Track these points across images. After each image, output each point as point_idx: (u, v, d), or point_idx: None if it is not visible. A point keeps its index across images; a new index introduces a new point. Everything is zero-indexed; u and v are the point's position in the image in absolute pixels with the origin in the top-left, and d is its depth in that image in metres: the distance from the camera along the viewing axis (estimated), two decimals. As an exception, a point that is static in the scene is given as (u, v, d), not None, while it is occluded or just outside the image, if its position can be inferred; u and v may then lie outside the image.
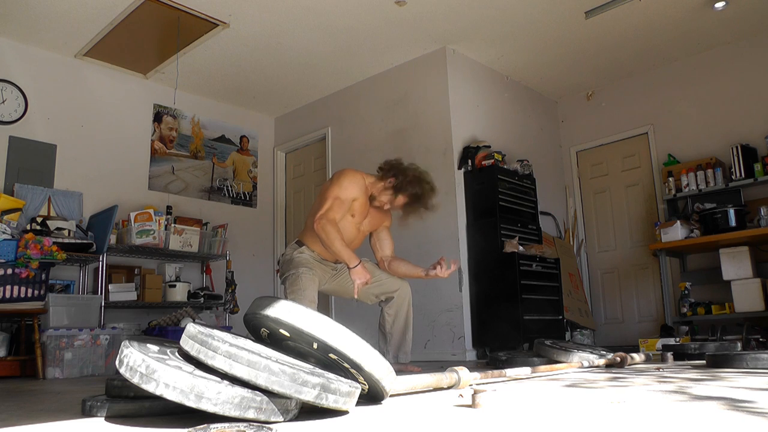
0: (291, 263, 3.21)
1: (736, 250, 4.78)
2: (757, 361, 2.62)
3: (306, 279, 3.12)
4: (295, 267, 3.17)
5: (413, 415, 1.56)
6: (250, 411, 1.31)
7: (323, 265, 3.28)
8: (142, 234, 4.90)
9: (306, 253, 3.22)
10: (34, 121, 4.92)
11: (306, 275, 3.13)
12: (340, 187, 3.11)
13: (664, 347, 3.60)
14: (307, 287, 3.10)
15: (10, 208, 4.32)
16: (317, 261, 3.24)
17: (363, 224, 3.30)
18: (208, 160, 6.05)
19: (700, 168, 5.20)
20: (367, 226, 3.33)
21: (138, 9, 4.46)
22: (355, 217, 3.21)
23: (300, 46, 5.12)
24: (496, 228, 4.81)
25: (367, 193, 3.21)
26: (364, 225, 3.31)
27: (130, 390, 1.58)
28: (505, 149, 5.30)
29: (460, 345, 4.73)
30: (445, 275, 3.11)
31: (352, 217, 3.19)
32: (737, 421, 1.28)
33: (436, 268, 3.10)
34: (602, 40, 5.20)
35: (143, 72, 5.54)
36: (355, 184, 3.15)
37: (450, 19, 4.77)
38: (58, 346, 3.83)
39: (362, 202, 3.20)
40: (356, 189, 3.15)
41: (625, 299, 5.85)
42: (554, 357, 3.02)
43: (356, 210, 3.19)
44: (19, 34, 4.82)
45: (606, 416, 1.41)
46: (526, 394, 1.93)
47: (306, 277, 3.13)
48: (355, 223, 3.24)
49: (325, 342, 1.59)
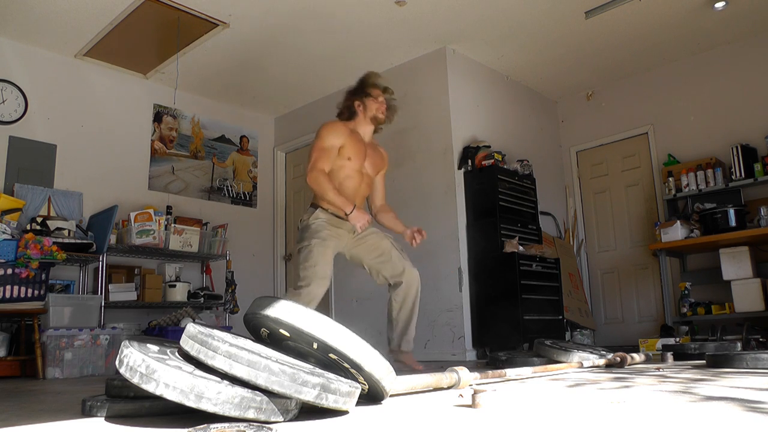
0: (306, 231, 3.20)
1: (736, 250, 4.78)
2: (757, 361, 2.61)
3: (317, 253, 3.11)
4: (308, 238, 3.16)
5: (413, 415, 1.56)
6: (250, 411, 1.31)
7: (339, 229, 3.23)
8: (142, 234, 4.90)
9: (321, 217, 3.21)
10: (34, 121, 4.92)
11: (317, 248, 3.11)
12: (321, 139, 3.22)
13: (664, 347, 3.60)
14: (318, 262, 3.10)
15: (10, 208, 4.32)
16: (333, 225, 3.21)
17: (365, 167, 3.32)
18: (208, 160, 6.05)
19: (700, 168, 5.20)
20: (369, 168, 3.35)
21: (138, 9, 4.46)
22: (352, 161, 3.25)
23: (300, 46, 5.12)
24: (496, 228, 4.81)
25: (354, 135, 3.28)
26: (366, 168, 3.33)
27: (130, 390, 1.58)
28: (505, 149, 5.30)
29: (460, 345, 4.73)
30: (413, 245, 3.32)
31: (348, 160, 3.24)
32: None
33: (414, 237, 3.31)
34: (602, 40, 5.20)
35: (143, 72, 5.54)
36: (334, 131, 3.24)
37: (450, 19, 4.77)
38: (58, 346, 3.83)
39: (352, 144, 3.25)
40: (337, 135, 3.23)
41: (625, 299, 5.85)
42: (554, 357, 3.02)
43: (351, 153, 3.24)
44: (19, 34, 4.82)
45: (608, 417, 1.41)
46: (526, 394, 1.93)
47: (317, 250, 3.11)
48: (355, 167, 3.27)
49: (325, 342, 1.59)
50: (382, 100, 3.35)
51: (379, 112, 3.32)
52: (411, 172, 5.20)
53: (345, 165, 3.23)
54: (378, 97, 3.35)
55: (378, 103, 3.33)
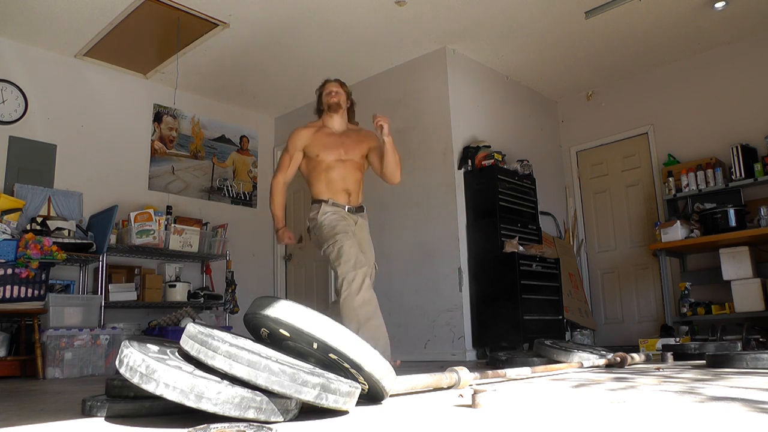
0: (322, 230, 3.28)
1: (736, 250, 4.78)
2: (757, 361, 2.61)
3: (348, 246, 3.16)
4: (330, 236, 3.21)
5: (413, 415, 1.56)
6: (250, 411, 1.31)
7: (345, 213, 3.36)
8: (142, 234, 4.90)
9: (328, 211, 3.30)
10: (34, 121, 4.92)
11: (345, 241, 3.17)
12: (285, 149, 3.51)
13: (664, 347, 3.60)
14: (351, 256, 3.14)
15: (10, 208, 4.32)
16: (338, 216, 3.31)
17: (342, 154, 3.40)
18: (208, 160, 6.05)
19: (700, 168, 5.20)
20: (352, 154, 3.43)
21: (138, 9, 4.46)
22: (321, 155, 3.37)
23: (300, 46, 5.12)
24: (496, 228, 4.81)
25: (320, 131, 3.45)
26: (344, 155, 3.41)
27: (130, 390, 1.58)
28: (505, 149, 5.30)
29: (460, 345, 4.73)
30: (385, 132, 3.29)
31: (317, 156, 3.37)
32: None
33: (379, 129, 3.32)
34: (602, 40, 5.20)
35: (143, 72, 5.54)
36: (292, 138, 3.46)
37: (450, 19, 4.77)
38: (58, 346, 3.83)
39: (316, 141, 3.41)
40: (294, 141, 3.44)
41: (625, 299, 5.85)
42: (554, 357, 3.02)
43: (317, 150, 3.38)
44: (19, 34, 4.82)
45: (608, 417, 1.40)
46: (526, 394, 1.93)
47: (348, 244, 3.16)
48: (331, 158, 3.37)
49: (325, 342, 1.59)
50: (329, 90, 3.50)
51: (328, 98, 3.48)
52: (411, 172, 5.20)
53: (318, 161, 3.39)
54: (326, 89, 3.53)
55: (326, 95, 3.51)
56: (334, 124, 3.49)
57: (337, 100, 3.47)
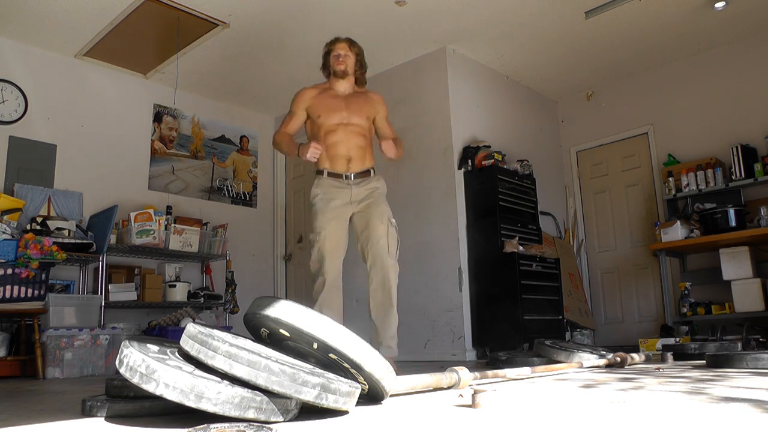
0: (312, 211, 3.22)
1: (736, 250, 4.78)
2: (757, 361, 2.61)
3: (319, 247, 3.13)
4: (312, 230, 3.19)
5: (413, 415, 1.56)
6: (250, 411, 1.31)
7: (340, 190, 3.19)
8: (142, 234, 4.90)
9: (318, 193, 3.21)
10: (34, 121, 4.92)
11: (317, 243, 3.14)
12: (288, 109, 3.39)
13: (664, 347, 3.60)
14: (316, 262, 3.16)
15: (10, 208, 4.32)
16: (334, 187, 3.19)
17: (344, 117, 3.26)
18: (208, 160, 6.05)
19: (700, 168, 5.20)
20: (356, 118, 3.28)
21: (138, 9, 4.46)
22: (322, 117, 3.25)
23: (300, 46, 5.12)
24: (496, 228, 4.81)
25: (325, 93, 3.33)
26: (347, 118, 3.26)
27: (130, 390, 1.58)
28: (505, 149, 5.30)
29: (460, 345, 4.73)
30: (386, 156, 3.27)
31: (318, 118, 3.26)
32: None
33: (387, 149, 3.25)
34: (602, 40, 5.20)
35: (143, 72, 5.54)
36: (296, 98, 3.35)
37: (450, 19, 4.77)
38: (58, 346, 3.83)
39: (319, 103, 3.29)
40: (298, 101, 3.33)
41: (625, 299, 5.85)
42: (554, 357, 3.02)
43: (320, 111, 3.26)
44: (19, 34, 4.82)
45: (608, 417, 1.40)
46: (526, 394, 1.93)
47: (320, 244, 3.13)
48: (333, 121, 3.24)
49: (325, 342, 1.59)
50: (338, 53, 3.33)
51: (335, 65, 3.32)
52: (411, 172, 5.20)
53: (320, 123, 3.26)
54: (334, 50, 3.34)
55: (333, 58, 3.34)
56: (340, 87, 3.36)
57: (343, 68, 3.30)
